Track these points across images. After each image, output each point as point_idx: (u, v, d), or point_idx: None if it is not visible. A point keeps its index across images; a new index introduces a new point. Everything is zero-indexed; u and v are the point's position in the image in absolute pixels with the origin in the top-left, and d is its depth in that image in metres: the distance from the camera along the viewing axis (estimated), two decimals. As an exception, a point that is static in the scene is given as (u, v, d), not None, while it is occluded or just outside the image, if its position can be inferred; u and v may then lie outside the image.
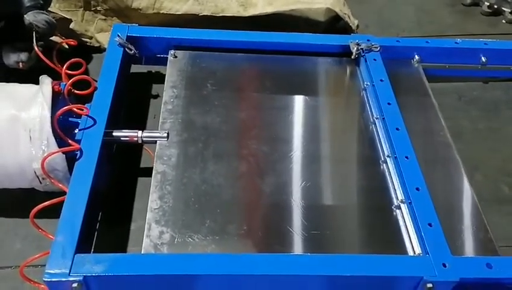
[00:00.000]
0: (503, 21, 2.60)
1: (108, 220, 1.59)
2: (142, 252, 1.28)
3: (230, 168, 1.54)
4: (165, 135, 1.57)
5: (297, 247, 1.37)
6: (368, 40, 1.95)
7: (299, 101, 1.82)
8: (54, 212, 1.32)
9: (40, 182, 1.45)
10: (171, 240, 1.31)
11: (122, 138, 1.57)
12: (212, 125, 1.65)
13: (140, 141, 1.57)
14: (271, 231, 1.41)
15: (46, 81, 1.48)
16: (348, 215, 1.50)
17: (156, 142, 1.57)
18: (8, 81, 1.59)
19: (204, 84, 1.79)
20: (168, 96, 1.72)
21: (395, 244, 1.40)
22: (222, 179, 1.49)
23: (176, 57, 1.87)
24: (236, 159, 1.57)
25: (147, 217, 1.36)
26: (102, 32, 2.21)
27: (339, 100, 1.90)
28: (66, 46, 1.97)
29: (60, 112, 1.42)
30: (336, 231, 1.46)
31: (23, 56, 1.78)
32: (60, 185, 1.39)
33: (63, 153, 1.39)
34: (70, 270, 1.17)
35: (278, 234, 1.39)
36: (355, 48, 1.91)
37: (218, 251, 1.31)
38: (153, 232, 1.33)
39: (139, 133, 1.57)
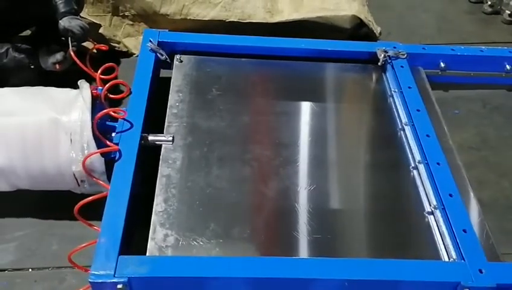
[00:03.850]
0: (524, 29, 2.62)
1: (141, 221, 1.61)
2: (147, 255, 1.28)
3: (237, 172, 1.52)
4: (171, 138, 1.57)
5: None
6: (394, 47, 1.97)
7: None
8: (92, 214, 1.36)
9: (78, 185, 1.48)
10: (176, 243, 1.32)
11: None
12: (218, 129, 1.64)
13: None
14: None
15: (85, 86, 1.51)
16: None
17: (161, 145, 1.57)
18: (44, 86, 1.61)
19: (211, 88, 1.78)
20: (174, 100, 1.72)
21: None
22: (227, 183, 1.49)
23: (181, 61, 1.87)
24: (242, 164, 1.55)
25: (151, 220, 1.37)
26: (129, 37, 2.25)
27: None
28: (95, 51, 2.00)
29: (99, 115, 1.45)
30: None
31: (59, 56, 1.82)
32: (101, 182, 1.41)
33: (103, 154, 1.42)
34: (115, 272, 1.19)
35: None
36: (383, 55, 1.92)
37: (222, 254, 1.31)
38: (157, 235, 1.33)
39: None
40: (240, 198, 1.47)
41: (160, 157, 1.54)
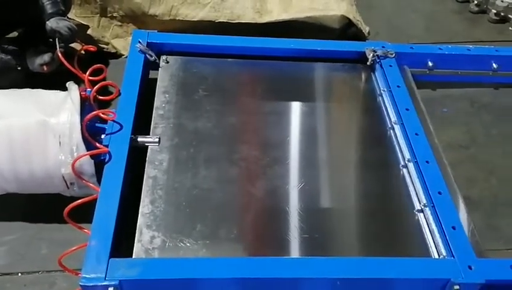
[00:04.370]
0: (510, 28, 2.65)
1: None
2: (133, 257, 1.27)
3: (225, 173, 1.52)
4: (157, 140, 1.56)
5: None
6: (383, 47, 1.98)
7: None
8: (81, 217, 1.34)
9: (68, 187, 1.46)
10: (162, 245, 1.31)
11: None
12: (204, 130, 1.64)
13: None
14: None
15: (73, 88, 1.50)
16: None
17: (147, 147, 1.56)
18: (31, 87, 1.60)
19: (197, 89, 1.77)
20: (160, 101, 1.71)
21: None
22: (214, 184, 1.48)
23: (167, 62, 1.86)
24: (229, 164, 1.55)
25: (138, 222, 1.36)
26: (118, 38, 2.23)
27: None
28: (83, 52, 1.99)
29: (88, 117, 1.44)
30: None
31: (47, 57, 1.80)
32: (91, 184, 1.40)
33: (92, 156, 1.41)
34: (105, 275, 1.18)
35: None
36: (371, 55, 1.93)
37: (208, 255, 1.31)
38: (144, 237, 1.32)
39: None
40: (227, 198, 1.47)
41: (147, 158, 1.53)
